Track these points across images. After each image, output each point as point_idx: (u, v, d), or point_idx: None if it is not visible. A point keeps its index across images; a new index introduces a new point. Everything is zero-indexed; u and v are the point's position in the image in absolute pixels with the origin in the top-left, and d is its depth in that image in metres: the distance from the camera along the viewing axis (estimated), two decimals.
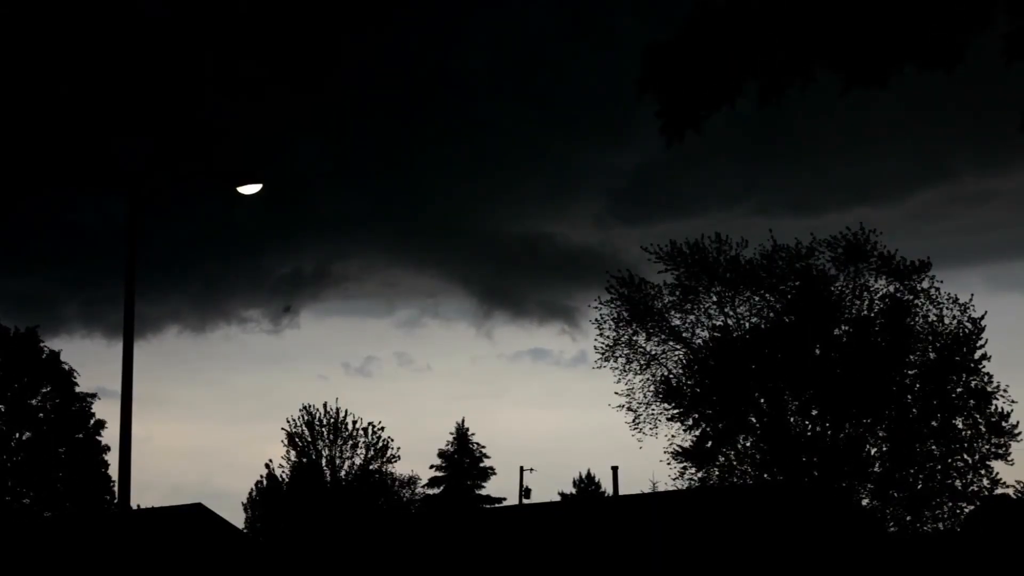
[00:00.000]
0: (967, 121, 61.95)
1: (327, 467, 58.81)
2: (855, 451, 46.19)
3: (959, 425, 46.18)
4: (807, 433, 46.98)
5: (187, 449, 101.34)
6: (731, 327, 48.20)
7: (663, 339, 48.86)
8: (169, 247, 71.75)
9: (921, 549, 44.06)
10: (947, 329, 46.58)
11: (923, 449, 46.06)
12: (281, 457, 60.46)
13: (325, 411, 59.59)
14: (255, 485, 62.97)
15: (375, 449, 59.23)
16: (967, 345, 46.30)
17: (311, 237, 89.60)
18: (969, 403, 45.95)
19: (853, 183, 76.94)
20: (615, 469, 58.88)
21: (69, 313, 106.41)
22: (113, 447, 53.80)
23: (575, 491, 79.17)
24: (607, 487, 73.07)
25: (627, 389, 48.83)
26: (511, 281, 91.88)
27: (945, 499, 45.81)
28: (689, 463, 47.72)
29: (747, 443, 47.75)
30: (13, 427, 54.32)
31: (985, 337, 46.47)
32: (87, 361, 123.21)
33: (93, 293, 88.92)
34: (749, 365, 47.27)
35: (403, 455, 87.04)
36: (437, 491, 69.95)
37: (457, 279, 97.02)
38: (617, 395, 49.26)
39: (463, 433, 71.46)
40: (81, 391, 55.88)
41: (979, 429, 45.99)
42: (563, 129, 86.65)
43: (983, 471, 45.73)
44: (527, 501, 65.32)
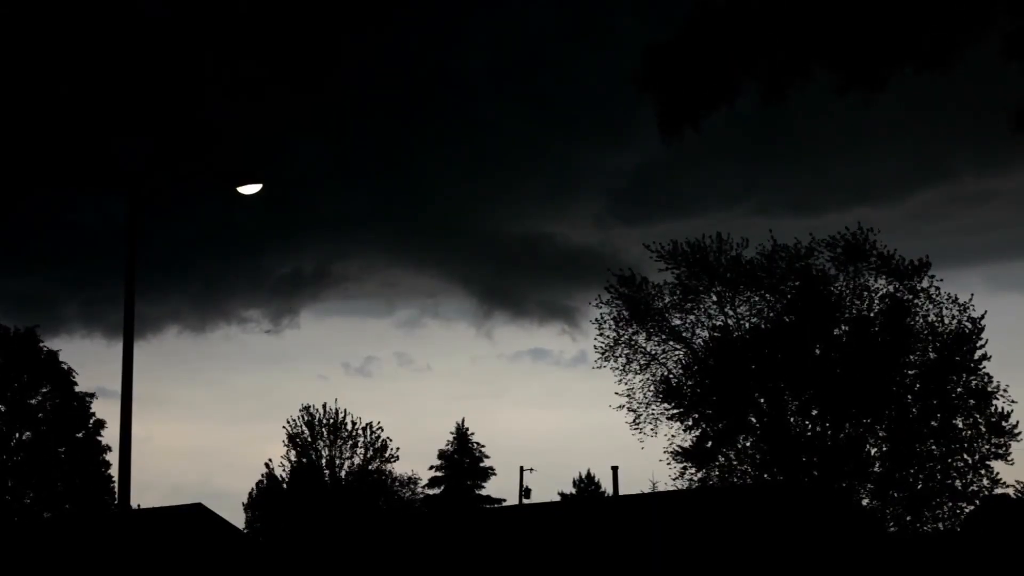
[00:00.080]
0: (967, 121, 61.94)
1: (327, 467, 58.83)
2: (855, 451, 46.18)
3: (959, 425, 46.19)
4: (807, 433, 46.97)
5: (187, 449, 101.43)
6: (731, 327, 48.20)
7: (663, 339, 48.88)
8: (169, 247, 71.83)
9: (921, 549, 44.05)
10: (947, 329, 46.59)
11: (923, 449, 46.05)
12: (281, 457, 60.50)
13: (324, 411, 59.62)
14: (256, 485, 62.95)
15: (374, 449, 59.25)
16: (967, 345, 46.30)
17: (311, 237, 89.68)
18: (969, 403, 45.96)
19: (853, 183, 77.05)
20: (615, 469, 58.91)
21: (69, 313, 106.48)
22: (113, 447, 53.86)
23: (575, 491, 79.16)
24: (607, 487, 73.14)
25: (627, 389, 48.89)
26: (511, 281, 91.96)
27: (945, 499, 45.81)
28: (689, 463, 47.73)
29: (747, 443, 47.75)
30: (13, 427, 54.33)
31: (985, 337, 46.54)
32: (87, 361, 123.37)
33: (93, 293, 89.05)
34: (749, 365, 47.28)
35: (403, 455, 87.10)
36: (437, 491, 69.95)
37: (457, 279, 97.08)
38: (617, 395, 49.31)
39: (463, 433, 71.46)
40: (80, 391, 55.93)
41: (979, 429, 46.00)
42: (563, 129, 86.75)
43: (983, 471, 45.75)
44: (527, 501, 65.34)
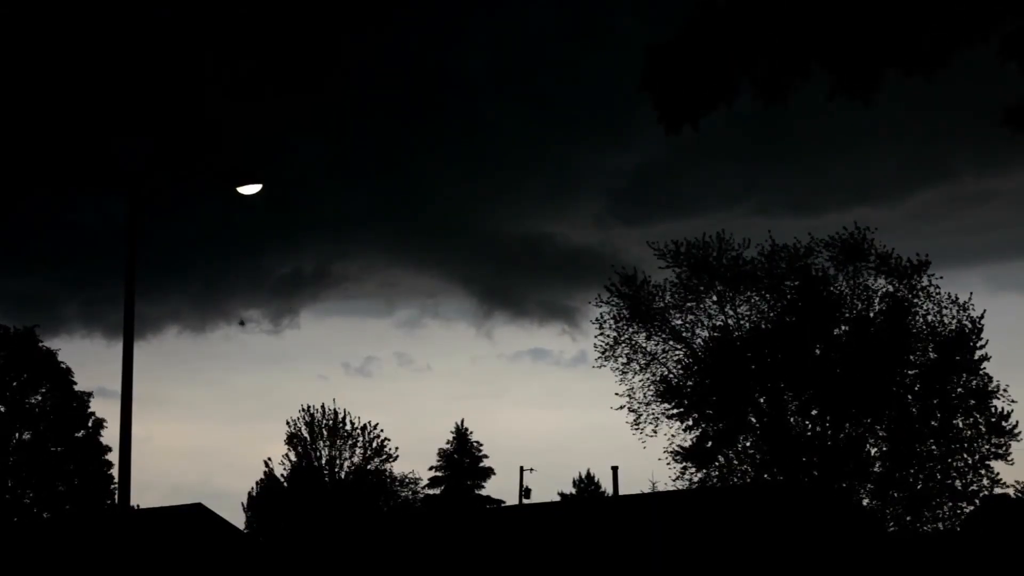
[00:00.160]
0: (967, 121, 61.98)
1: (326, 467, 58.82)
2: (855, 451, 46.18)
3: (959, 425, 46.19)
4: (807, 433, 46.97)
5: (187, 449, 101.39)
6: (731, 327, 48.21)
7: (663, 339, 48.89)
8: (169, 247, 71.78)
9: (921, 549, 44.05)
10: (947, 329, 46.59)
11: (923, 449, 46.05)
12: (282, 456, 60.49)
13: (323, 412, 59.62)
14: (256, 483, 62.91)
15: (371, 449, 59.26)
16: (967, 345, 46.30)
17: (311, 237, 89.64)
18: (969, 403, 45.96)
19: (853, 183, 77.06)
20: (615, 469, 58.89)
21: (69, 313, 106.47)
22: (113, 447, 53.87)
23: (575, 491, 79.16)
24: (607, 487, 73.14)
25: (627, 389, 48.89)
26: (511, 281, 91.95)
27: (945, 499, 45.81)
28: (689, 463, 47.73)
29: (747, 443, 47.75)
30: (13, 427, 54.33)
31: (986, 337, 46.54)
32: (87, 361, 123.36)
33: (93, 293, 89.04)
34: (749, 365, 47.28)
35: (403, 455, 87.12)
36: (437, 491, 69.95)
37: (457, 279, 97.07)
38: (617, 395, 49.31)
39: (463, 433, 71.47)
40: (79, 390, 55.94)
41: (979, 429, 46.01)
42: (563, 129, 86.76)
43: (983, 471, 45.76)
44: (527, 501, 65.33)
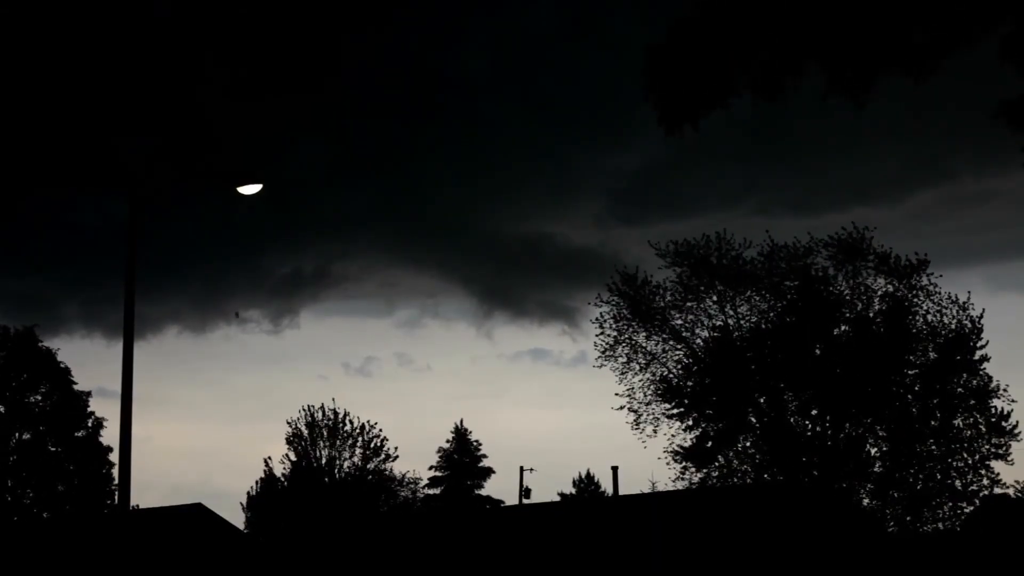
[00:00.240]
0: (967, 121, 61.91)
1: (326, 467, 58.81)
2: (855, 451, 46.19)
3: (959, 425, 46.21)
4: (807, 433, 46.98)
5: (187, 449, 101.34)
6: (731, 327, 48.23)
7: (664, 338, 48.91)
8: (169, 247, 71.74)
9: (921, 549, 44.05)
10: (947, 329, 46.60)
11: (923, 449, 46.07)
12: (282, 455, 60.48)
13: (323, 413, 59.61)
14: (255, 483, 62.86)
15: (371, 449, 59.24)
16: (967, 345, 46.31)
17: (311, 237, 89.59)
18: (969, 403, 45.97)
19: (852, 183, 77.03)
20: (615, 469, 58.88)
21: (69, 313, 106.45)
22: (113, 447, 53.88)
23: (575, 491, 79.15)
24: (607, 487, 73.13)
25: (627, 389, 48.91)
26: (511, 281, 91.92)
27: (945, 499, 45.82)
28: (689, 463, 47.74)
29: (747, 443, 47.76)
30: (12, 426, 54.34)
31: (986, 338, 46.55)
32: (87, 361, 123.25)
33: (93, 293, 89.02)
34: (749, 365, 47.30)
35: (403, 455, 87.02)
36: (437, 491, 69.96)
37: (457, 279, 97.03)
38: (617, 396, 49.33)
39: (462, 433, 71.47)
40: (78, 390, 55.97)
41: (979, 429, 46.02)
42: (563, 130, 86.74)
43: (983, 471, 45.77)
44: (527, 501, 65.33)
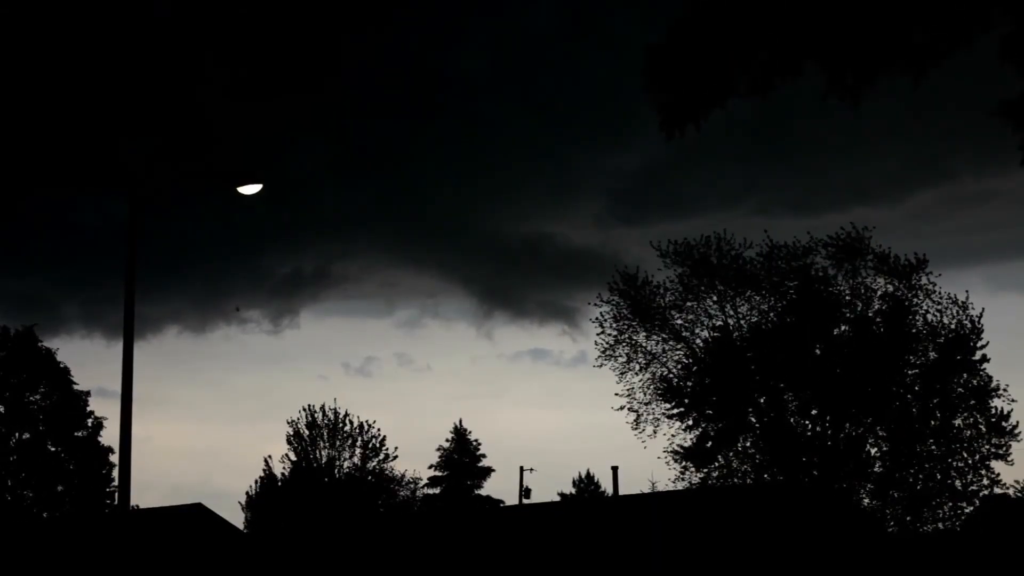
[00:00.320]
0: (967, 121, 61.91)
1: (326, 467, 58.83)
2: (855, 451, 46.20)
3: (959, 425, 46.22)
4: (807, 433, 46.99)
5: (187, 449, 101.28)
6: (731, 327, 48.25)
7: (664, 338, 48.93)
8: (169, 247, 71.74)
9: (921, 549, 44.06)
10: (947, 329, 46.61)
11: (923, 449, 46.08)
12: (282, 455, 60.49)
13: (323, 413, 59.65)
14: (254, 483, 62.80)
15: (370, 448, 59.26)
16: (967, 345, 46.32)
17: (311, 237, 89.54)
18: (969, 403, 45.97)
19: (852, 183, 77.00)
20: (615, 469, 58.90)
21: (69, 313, 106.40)
22: (113, 447, 53.87)
23: (575, 491, 79.17)
24: (607, 487, 73.15)
25: (627, 389, 48.94)
26: (511, 281, 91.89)
27: (945, 499, 45.83)
28: (689, 463, 47.75)
29: (747, 443, 47.77)
30: (12, 426, 54.34)
31: (986, 339, 46.57)
32: (87, 361, 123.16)
33: (93, 293, 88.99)
34: (749, 365, 47.31)
35: (403, 455, 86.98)
36: (436, 491, 69.97)
37: (457, 279, 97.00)
38: (617, 395, 49.34)
39: (461, 433, 71.48)
40: (77, 389, 55.96)
41: (979, 429, 46.03)
42: (563, 130, 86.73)
43: (983, 471, 45.78)
44: (527, 501, 65.34)
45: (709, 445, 47.62)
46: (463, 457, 71.09)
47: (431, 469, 70.57)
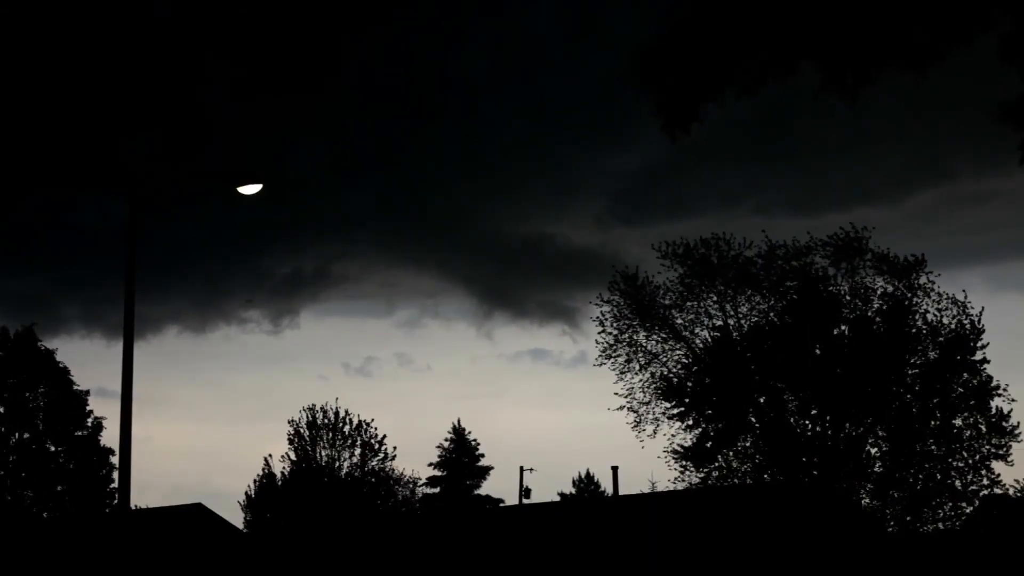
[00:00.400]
0: (967, 121, 61.90)
1: (326, 467, 58.83)
2: (855, 451, 46.21)
3: (959, 425, 46.23)
4: (807, 433, 47.00)
5: (187, 449, 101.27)
6: (731, 327, 48.26)
7: (664, 338, 48.94)
8: (169, 247, 71.76)
9: (921, 549, 44.06)
10: (947, 329, 46.62)
11: (923, 449, 46.09)
12: (282, 455, 60.48)
13: (324, 413, 59.66)
14: (252, 482, 62.73)
15: (370, 448, 59.26)
16: (967, 345, 46.33)
17: (311, 237, 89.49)
18: (970, 403, 45.99)
19: (852, 183, 76.97)
20: (615, 469, 58.88)
21: (69, 313, 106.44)
22: (113, 447, 53.88)
23: (575, 491, 79.17)
24: (607, 487, 73.15)
25: (627, 389, 48.96)
26: (511, 281, 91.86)
27: (945, 499, 45.84)
28: (689, 463, 47.77)
29: (747, 443, 47.78)
30: (12, 426, 54.35)
31: (986, 340, 46.58)
32: (87, 361, 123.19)
33: (93, 293, 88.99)
34: (749, 365, 47.32)
35: (403, 455, 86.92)
36: (436, 491, 69.96)
37: (457, 279, 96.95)
38: (617, 396, 49.35)
39: (460, 433, 71.46)
40: (76, 389, 55.97)
41: (979, 429, 46.04)
42: (564, 130, 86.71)
43: (983, 471, 45.79)
44: (527, 501, 65.34)
45: (709, 445, 47.63)
46: (462, 457, 71.07)
47: (431, 468, 70.62)
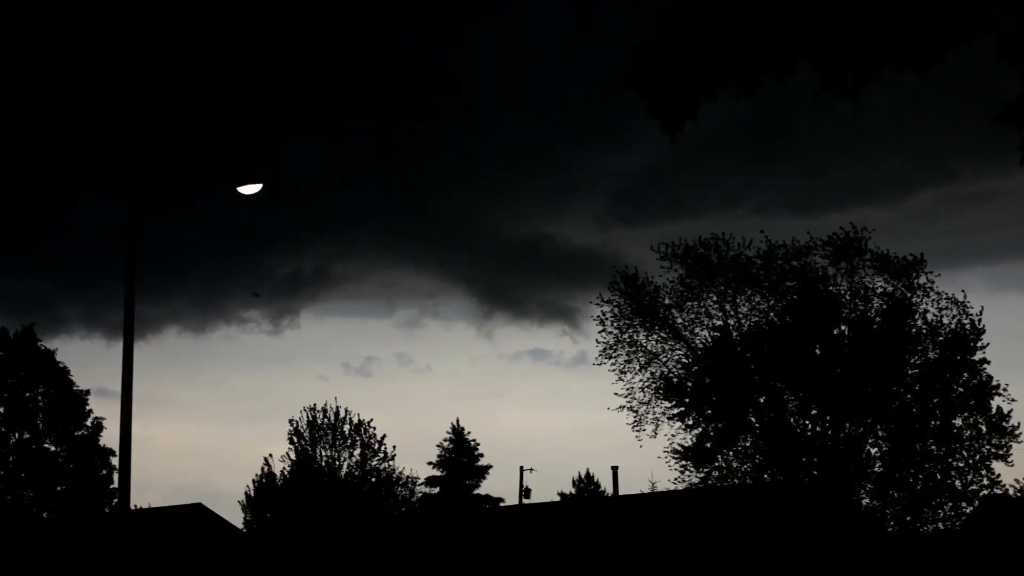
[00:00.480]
0: (967, 121, 61.92)
1: (327, 467, 58.81)
2: (855, 451, 46.21)
3: (959, 425, 46.23)
4: (807, 433, 46.99)
5: (187, 449, 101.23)
6: (731, 327, 48.26)
7: (664, 337, 48.94)
8: (169, 247, 71.75)
9: (921, 549, 44.06)
10: (947, 328, 46.62)
11: (923, 449, 46.09)
12: (282, 454, 60.45)
13: (324, 413, 59.64)
14: (251, 482, 62.68)
15: (368, 448, 59.24)
16: (967, 345, 46.32)
17: (311, 237, 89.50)
18: (970, 403, 45.98)
19: (853, 183, 76.99)
20: (615, 469, 58.88)
21: (69, 313, 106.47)
22: (113, 447, 53.87)
23: (575, 491, 79.15)
24: (607, 487, 73.13)
25: (627, 389, 48.95)
26: (511, 281, 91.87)
27: (945, 499, 45.84)
28: (689, 463, 47.76)
29: (747, 443, 47.77)
30: (12, 426, 54.34)
31: (987, 341, 46.57)
32: (87, 361, 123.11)
33: (93, 293, 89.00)
34: (749, 365, 47.31)
35: (404, 455, 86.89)
36: (435, 491, 69.94)
37: (457, 279, 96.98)
38: (617, 396, 49.34)
39: (459, 432, 71.44)
40: (76, 389, 55.95)
41: (979, 429, 46.04)
42: (564, 130, 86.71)
43: (983, 471, 45.79)
44: (527, 501, 65.33)
45: (709, 445, 47.63)
46: (461, 457, 71.04)
47: (430, 467, 70.58)
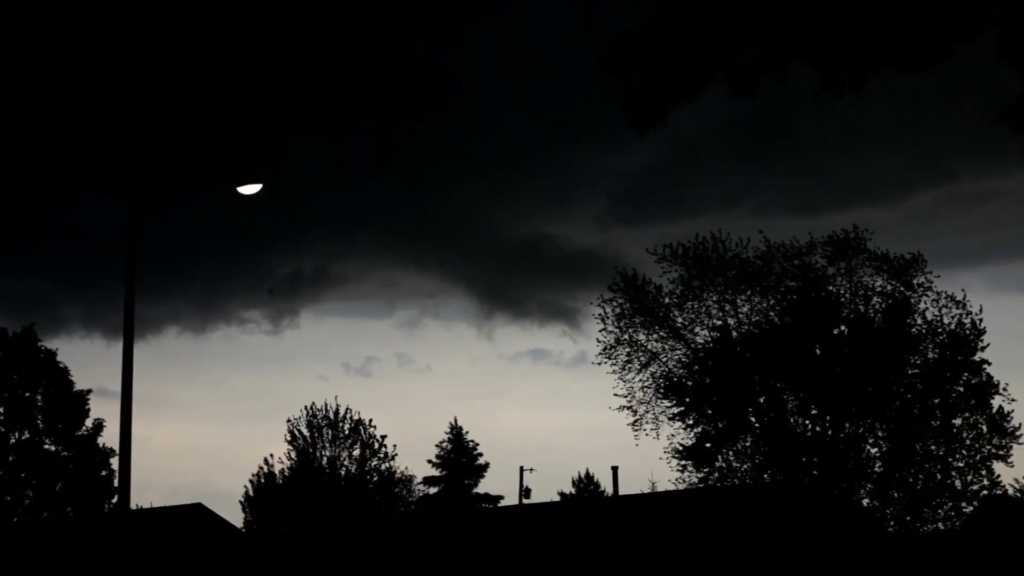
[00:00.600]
0: (967, 121, 61.94)
1: (327, 466, 58.83)
2: (855, 451, 46.21)
3: (959, 425, 46.22)
4: (807, 433, 47.00)
5: (187, 449, 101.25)
6: (731, 327, 48.26)
7: (664, 337, 48.93)
8: (169, 247, 71.80)
9: (921, 549, 44.06)
10: (947, 328, 46.62)
11: (923, 449, 46.08)
12: (282, 454, 60.48)
13: (325, 412, 59.68)
14: (249, 482, 62.69)
15: (368, 448, 59.26)
16: (967, 344, 46.32)
17: (311, 237, 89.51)
18: (970, 403, 45.97)
19: (852, 183, 77.03)
20: (615, 469, 58.90)
21: (69, 313, 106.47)
22: (113, 447, 53.90)
23: (575, 491, 79.14)
24: (607, 487, 73.15)
25: (627, 388, 48.95)
26: (512, 282, 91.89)
27: (945, 499, 45.83)
28: (689, 463, 47.76)
29: (747, 443, 47.77)
30: (12, 426, 54.36)
31: (987, 341, 46.56)
32: (87, 361, 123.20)
33: (93, 293, 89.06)
34: (749, 365, 47.31)
35: (403, 455, 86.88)
36: (435, 490, 69.92)
37: (457, 279, 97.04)
38: (617, 396, 49.33)
39: (458, 431, 71.42)
40: (77, 389, 55.99)
41: (980, 429, 46.03)
42: (563, 130, 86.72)
43: (983, 471, 45.78)
44: (527, 501, 65.33)
45: (709, 445, 47.63)
46: (460, 456, 71.03)
47: (430, 466, 70.59)
